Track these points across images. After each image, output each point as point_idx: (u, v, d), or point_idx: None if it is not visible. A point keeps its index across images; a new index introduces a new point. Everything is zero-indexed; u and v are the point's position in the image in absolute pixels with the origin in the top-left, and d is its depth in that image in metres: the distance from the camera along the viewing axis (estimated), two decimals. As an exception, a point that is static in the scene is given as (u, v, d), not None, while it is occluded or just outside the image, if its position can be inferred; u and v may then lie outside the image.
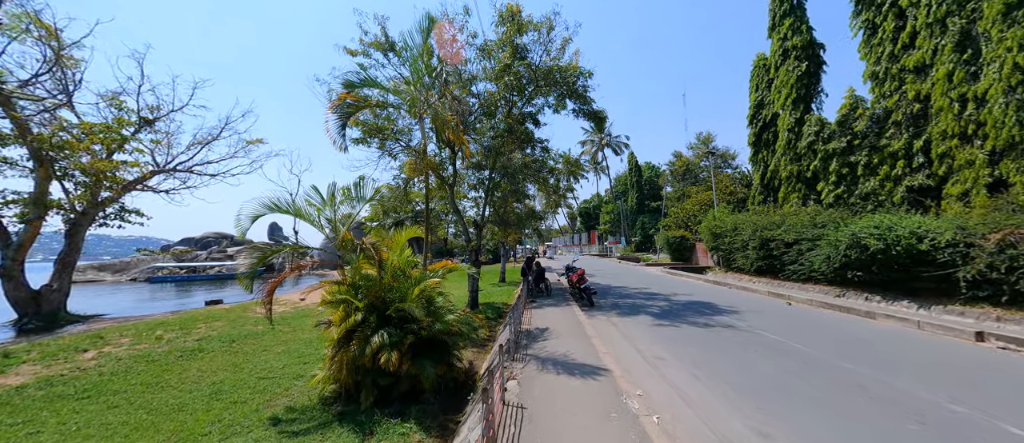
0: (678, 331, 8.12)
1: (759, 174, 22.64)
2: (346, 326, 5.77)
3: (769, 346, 6.98)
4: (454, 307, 7.22)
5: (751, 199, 23.88)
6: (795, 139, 19.06)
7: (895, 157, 13.70)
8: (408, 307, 5.79)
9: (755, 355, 6.44)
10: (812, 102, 19.01)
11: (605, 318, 9.65)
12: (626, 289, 16.11)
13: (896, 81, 13.57)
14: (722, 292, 14.87)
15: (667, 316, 9.78)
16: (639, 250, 47.80)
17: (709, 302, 11.86)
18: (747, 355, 6.45)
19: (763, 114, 22.29)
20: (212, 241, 63.87)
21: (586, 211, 65.52)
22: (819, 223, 14.80)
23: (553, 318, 9.60)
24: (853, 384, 4.84)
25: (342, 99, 6.71)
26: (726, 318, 9.44)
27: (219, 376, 7.80)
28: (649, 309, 10.84)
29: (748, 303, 11.71)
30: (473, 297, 13.96)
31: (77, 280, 47.13)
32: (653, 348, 6.77)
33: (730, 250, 20.27)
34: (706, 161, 48.00)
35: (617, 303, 12.08)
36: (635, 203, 51.65)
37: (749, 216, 19.51)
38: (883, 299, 11.41)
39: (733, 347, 6.97)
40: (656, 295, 13.78)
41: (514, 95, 14.04)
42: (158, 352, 9.44)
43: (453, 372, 6.56)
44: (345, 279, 6.67)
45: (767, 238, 17.09)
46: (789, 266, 15.75)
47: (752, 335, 7.81)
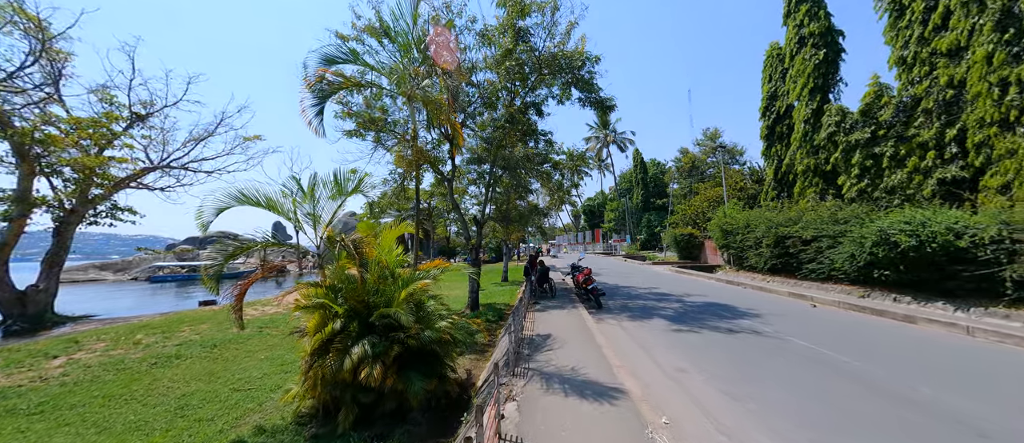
0: (698, 338, 7.30)
1: (772, 169, 21.70)
2: (322, 335, 5.01)
3: (807, 357, 6.16)
4: (448, 311, 6.46)
5: (763, 195, 22.94)
6: (812, 131, 18.11)
7: (925, 147, 12.76)
8: (393, 313, 5.03)
9: (794, 368, 5.62)
10: (830, 92, 18.05)
11: (615, 322, 8.84)
12: (635, 289, 15.28)
13: (926, 66, 12.63)
14: (737, 292, 14.01)
15: (683, 320, 8.96)
16: (644, 248, 46.85)
17: (726, 303, 11.03)
18: (785, 368, 5.63)
19: (777, 106, 21.33)
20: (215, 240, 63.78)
21: (590, 209, 64.59)
22: (841, 219, 13.90)
23: (558, 322, 8.81)
24: (949, 418, 3.87)
25: (320, 77, 5.96)
26: (748, 322, 8.61)
27: (191, 387, 7.09)
28: (662, 312, 10.03)
29: (768, 305, 10.86)
30: (473, 298, 13.21)
31: (78, 279, 47.05)
32: (673, 358, 5.97)
33: (742, 248, 19.39)
34: (713, 157, 46.98)
35: (626, 305, 11.26)
36: (640, 201, 50.67)
37: (763, 212, 18.60)
38: (914, 300, 10.54)
39: (764, 357, 6.15)
40: (667, 296, 12.95)
41: (516, 84, 13.23)
42: (132, 359, 8.76)
43: (445, 385, 5.80)
44: (325, 280, 5.92)
45: (783, 235, 16.21)
46: (807, 265, 14.88)
47: (781, 342, 6.99)
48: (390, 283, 6.00)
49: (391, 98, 13.33)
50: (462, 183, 16.93)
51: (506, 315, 12.34)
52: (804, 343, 6.92)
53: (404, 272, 6.54)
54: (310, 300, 5.39)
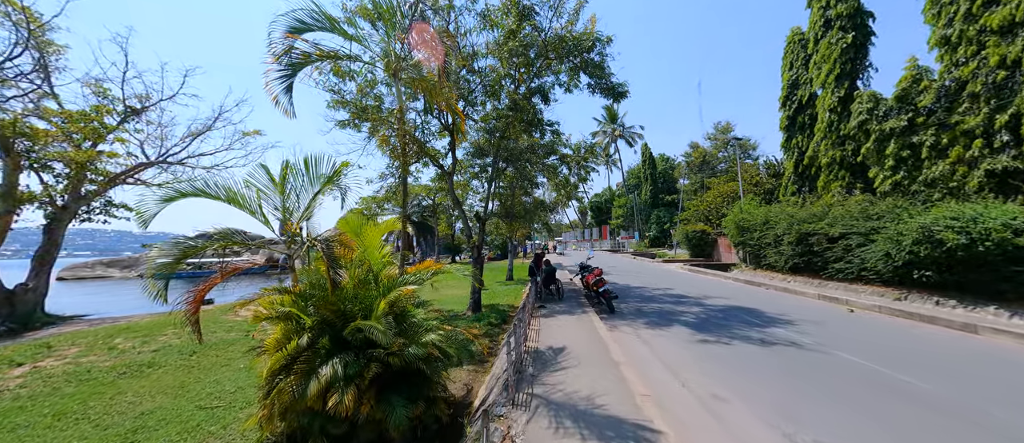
0: (729, 352, 6.35)
1: (792, 161, 20.49)
2: (284, 354, 4.16)
3: (861, 376, 5.19)
4: (440, 319, 5.59)
5: (782, 190, 21.75)
6: (838, 120, 16.91)
7: (971, 136, 11.58)
8: (368, 327, 4.16)
9: (850, 391, 4.67)
10: (859, 78, 16.81)
11: (631, 330, 7.90)
12: (648, 289, 14.31)
13: (974, 45, 11.42)
14: (759, 294, 12.98)
15: (707, 328, 7.99)
16: (653, 245, 45.67)
17: (751, 307, 10.02)
18: (839, 391, 4.68)
19: (798, 95, 20.10)
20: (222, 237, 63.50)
21: (598, 205, 63.37)
22: (874, 215, 12.81)
23: (567, 331, 7.90)
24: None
25: (288, 49, 5.08)
26: (782, 330, 7.62)
27: (156, 402, 6.32)
28: (682, 317, 9.07)
29: (798, 309, 9.84)
30: (475, 299, 12.37)
31: (85, 276, 47.05)
32: (705, 380, 5.03)
33: (759, 246, 18.31)
34: (725, 151, 45.60)
35: (641, 309, 10.31)
36: (649, 196, 49.43)
37: (783, 208, 17.48)
38: (960, 304, 9.47)
39: (811, 377, 5.19)
40: (685, 298, 11.96)
41: (520, 71, 12.29)
42: (101, 368, 8.03)
43: (434, 409, 4.92)
44: (296, 286, 5.08)
45: (806, 232, 15.13)
46: (833, 264, 13.81)
47: (826, 357, 6.01)
48: (373, 288, 5.15)
49: (387, 86, 12.50)
50: (464, 177, 16.05)
51: (510, 317, 11.48)
52: (853, 357, 5.94)
53: (389, 274, 5.68)
54: (273, 310, 4.54)
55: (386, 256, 5.80)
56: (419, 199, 42.68)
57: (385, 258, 5.77)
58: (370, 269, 5.63)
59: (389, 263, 5.89)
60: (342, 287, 5.03)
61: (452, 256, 45.74)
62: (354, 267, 5.32)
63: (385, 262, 5.75)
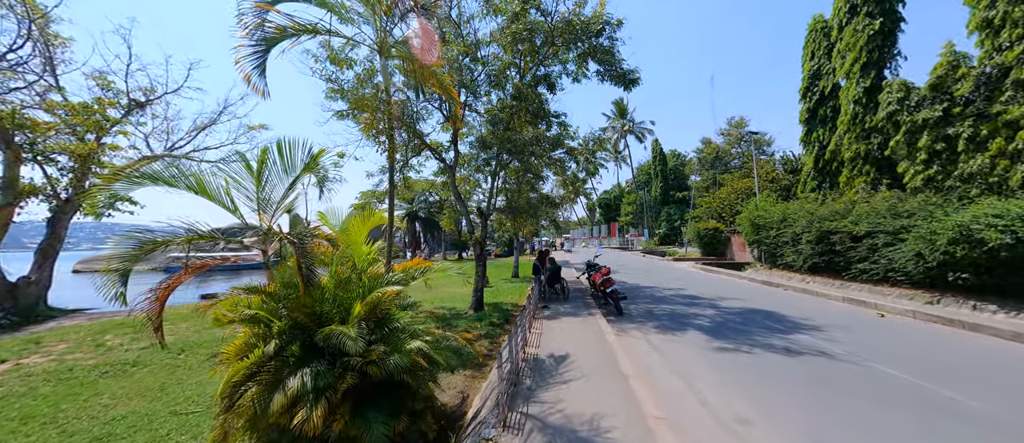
0: (752, 361, 5.72)
1: (812, 156, 19.54)
2: (247, 364, 3.68)
3: (902, 393, 4.55)
4: (438, 320, 5.08)
5: (800, 186, 20.80)
6: (864, 112, 15.95)
7: (1014, 127, 10.67)
8: (336, 334, 3.65)
9: (893, 413, 4.04)
10: (886, 67, 15.82)
11: (641, 335, 7.30)
12: (658, 290, 13.65)
13: (1020, 28, 10.48)
14: (777, 295, 12.25)
15: (724, 333, 7.35)
16: (663, 243, 44.72)
17: (771, 310, 9.33)
18: (881, 413, 4.06)
19: (820, 86, 19.11)
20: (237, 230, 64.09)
21: (606, 202, 62.39)
22: (903, 212, 11.96)
23: (571, 336, 7.33)
24: None
25: (260, 23, 4.58)
26: (807, 337, 6.95)
27: (130, 405, 5.94)
28: (696, 321, 8.43)
29: (822, 313, 9.12)
30: (477, 298, 11.86)
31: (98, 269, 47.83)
32: (727, 397, 4.44)
33: (776, 244, 17.48)
34: (738, 147, 44.38)
35: (652, 311, 9.68)
36: (659, 193, 48.39)
37: (802, 205, 16.61)
38: (1002, 309, 8.68)
39: (847, 394, 4.56)
40: (698, 299, 11.29)
41: (524, 59, 11.69)
42: (84, 366, 7.71)
43: (420, 424, 4.40)
44: (269, 285, 4.61)
45: (827, 231, 14.32)
46: (857, 264, 13.00)
47: (861, 370, 5.36)
48: (356, 288, 4.64)
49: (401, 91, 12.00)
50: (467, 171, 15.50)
51: (513, 316, 10.95)
52: (891, 370, 5.28)
53: (375, 273, 5.18)
54: (237, 312, 4.05)
55: (372, 253, 5.29)
56: (425, 195, 42.38)
57: (371, 255, 5.27)
58: (355, 267, 5.13)
59: (375, 260, 5.38)
60: (321, 287, 4.54)
61: (459, 253, 45.40)
62: (335, 264, 4.83)
63: (371, 259, 5.25)
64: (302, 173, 4.58)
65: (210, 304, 4.26)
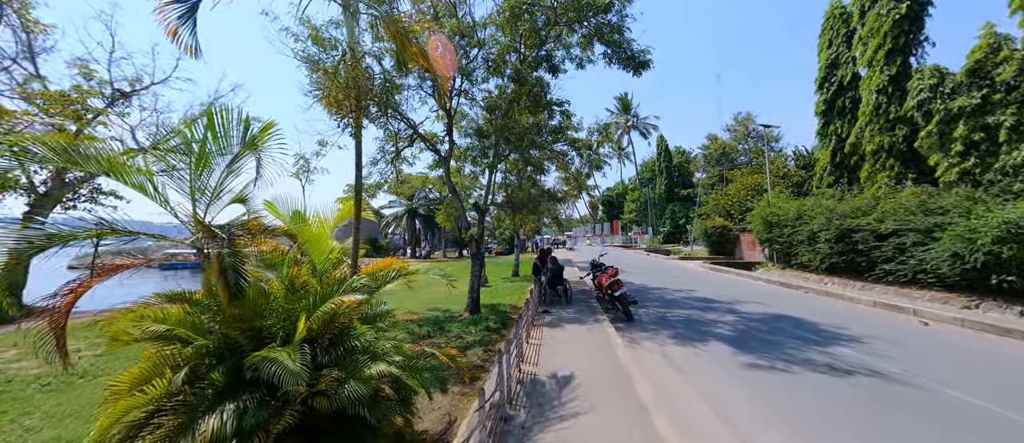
0: (793, 383, 4.78)
1: (829, 150, 18.51)
2: (143, 400, 2.76)
3: (989, 428, 3.61)
4: (399, 340, 4.16)
5: (816, 181, 19.78)
6: (888, 102, 14.92)
7: (1066, 114, 9.67)
8: (272, 361, 2.72)
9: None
10: (912, 54, 14.78)
11: (656, 347, 6.36)
12: (668, 291, 12.70)
13: (1074, 4, 9.45)
14: (799, 298, 11.29)
15: (752, 344, 6.40)
16: (667, 241, 43.70)
17: (798, 317, 8.37)
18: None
19: (838, 76, 18.06)
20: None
21: (609, 200, 61.35)
22: (936, 208, 10.98)
23: (575, 347, 6.39)
24: None
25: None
26: (849, 350, 6.00)
27: (58, 428, 5.06)
28: (717, 329, 7.48)
29: (856, 320, 8.15)
30: (473, 299, 10.96)
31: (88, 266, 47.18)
32: (779, 439, 3.50)
33: (790, 243, 16.54)
34: (745, 143, 43.29)
35: (665, 316, 8.73)
36: (664, 190, 47.35)
37: (819, 201, 15.63)
38: (1056, 316, 7.74)
39: (923, 431, 3.62)
40: (714, 303, 10.33)
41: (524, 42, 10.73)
42: (27, 376, 6.83)
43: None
44: (199, 292, 3.70)
45: (849, 228, 13.38)
46: (882, 264, 12.07)
47: (926, 394, 4.42)
48: (306, 296, 3.71)
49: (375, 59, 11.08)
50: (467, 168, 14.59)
51: (512, 319, 10.06)
52: (966, 397, 4.33)
53: (339, 276, 4.26)
54: (142, 328, 3.13)
55: (336, 252, 4.37)
56: (425, 191, 41.49)
57: (334, 255, 4.35)
58: (315, 269, 4.21)
59: (340, 261, 4.47)
60: (265, 295, 3.63)
61: (459, 250, 44.54)
62: (287, 266, 3.91)
63: (334, 260, 4.33)
64: (242, 151, 3.66)
65: (109, 318, 3.35)
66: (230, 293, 3.07)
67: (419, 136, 12.13)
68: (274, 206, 3.96)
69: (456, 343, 8.44)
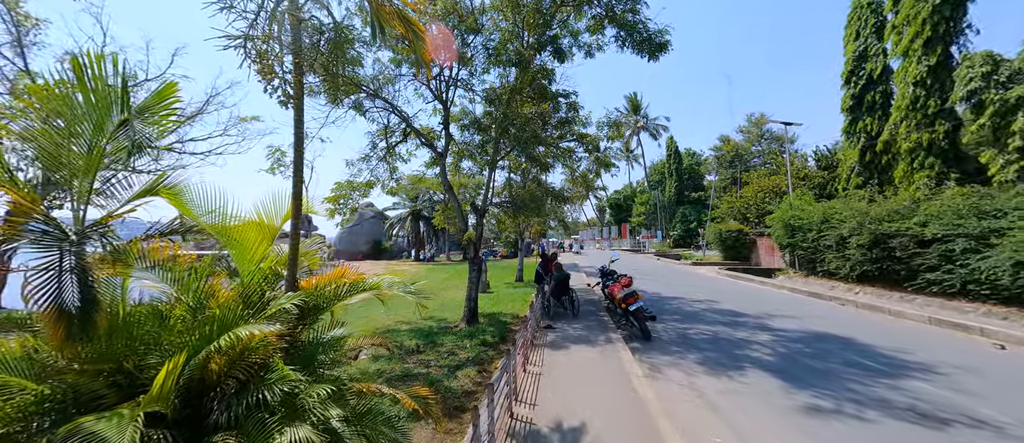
0: (876, 437, 3.62)
1: (857, 148, 17.18)
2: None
3: None
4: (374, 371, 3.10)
5: (842, 182, 18.44)
6: (926, 95, 13.61)
7: None
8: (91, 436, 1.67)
9: None
10: (954, 43, 13.45)
11: (684, 379, 5.20)
12: (685, 301, 11.50)
13: None
14: (835, 312, 10.04)
15: (801, 375, 5.23)
16: (677, 245, 42.29)
17: (844, 336, 7.15)
18: None
19: (866, 68, 16.76)
20: None
21: (617, 202, 59.96)
22: (994, 211, 9.73)
23: (583, 379, 5.26)
24: None
25: None
26: (926, 385, 4.80)
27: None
28: (751, 351, 6.31)
29: (916, 341, 6.91)
30: (470, 308, 9.91)
31: (96, 266, 46.97)
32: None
33: (815, 249, 15.30)
34: (759, 144, 41.87)
35: (686, 334, 7.56)
36: (674, 193, 45.95)
37: (849, 203, 14.36)
38: None
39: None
40: (741, 317, 9.12)
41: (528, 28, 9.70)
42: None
43: None
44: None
45: (885, 234, 12.15)
46: (924, 273, 10.84)
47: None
48: (212, 322, 2.64)
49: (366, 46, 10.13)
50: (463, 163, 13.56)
51: (512, 332, 8.98)
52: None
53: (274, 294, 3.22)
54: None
55: (270, 261, 3.32)
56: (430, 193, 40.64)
57: (268, 265, 3.30)
58: (252, 287, 3.17)
59: (277, 272, 3.42)
60: (168, 320, 2.60)
61: (464, 254, 43.57)
62: (193, 280, 2.88)
63: (267, 272, 3.28)
64: (125, 119, 2.64)
65: None
66: (65, 319, 2.02)
67: (413, 131, 11.15)
68: (177, 196, 2.94)
69: (447, 361, 7.39)
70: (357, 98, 10.58)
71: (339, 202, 11.74)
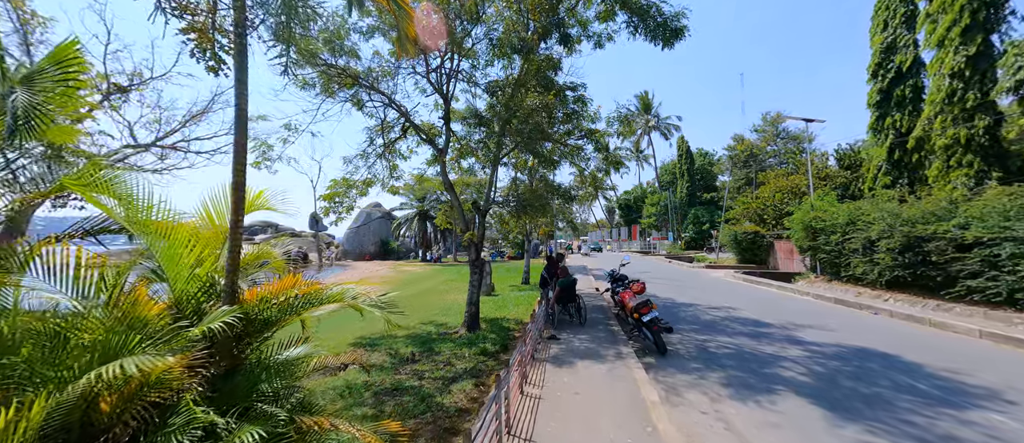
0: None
1: (884, 146, 16.17)
2: None
3: None
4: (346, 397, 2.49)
5: (869, 181, 17.39)
6: (965, 87, 12.61)
7: None
8: None
9: None
10: (995, 31, 12.45)
11: (709, 406, 4.48)
12: (702, 309, 10.73)
13: None
14: (866, 322, 9.20)
15: (847, 403, 4.48)
16: (690, 247, 41.19)
17: (888, 353, 6.34)
18: None
19: (895, 61, 15.75)
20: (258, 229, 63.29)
21: (627, 203, 58.91)
22: (1049, 212, 8.81)
23: (590, 406, 4.56)
24: None
25: None
26: (1000, 416, 4.03)
27: None
28: (783, 371, 5.56)
29: (970, 358, 6.09)
30: (471, 314, 9.33)
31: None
32: None
33: (839, 252, 14.40)
34: (774, 144, 40.59)
35: (706, 348, 6.82)
36: (685, 194, 44.87)
37: (878, 204, 13.42)
38: None
39: None
40: (765, 328, 8.33)
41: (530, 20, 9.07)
42: None
43: None
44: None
45: (920, 237, 11.25)
46: (965, 280, 9.96)
47: None
48: (95, 350, 2.05)
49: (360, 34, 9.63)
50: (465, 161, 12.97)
51: (515, 339, 8.35)
52: None
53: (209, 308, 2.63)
54: None
55: (207, 268, 2.74)
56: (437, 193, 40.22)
57: (204, 272, 2.72)
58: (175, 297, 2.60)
59: (211, 285, 2.83)
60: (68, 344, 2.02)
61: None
62: (100, 290, 2.30)
63: (204, 279, 2.70)
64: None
65: None
66: None
67: (413, 126, 10.61)
68: (88, 187, 2.38)
69: (443, 371, 6.80)
70: (354, 91, 10.09)
71: (334, 200, 11.28)
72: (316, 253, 46.76)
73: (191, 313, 2.66)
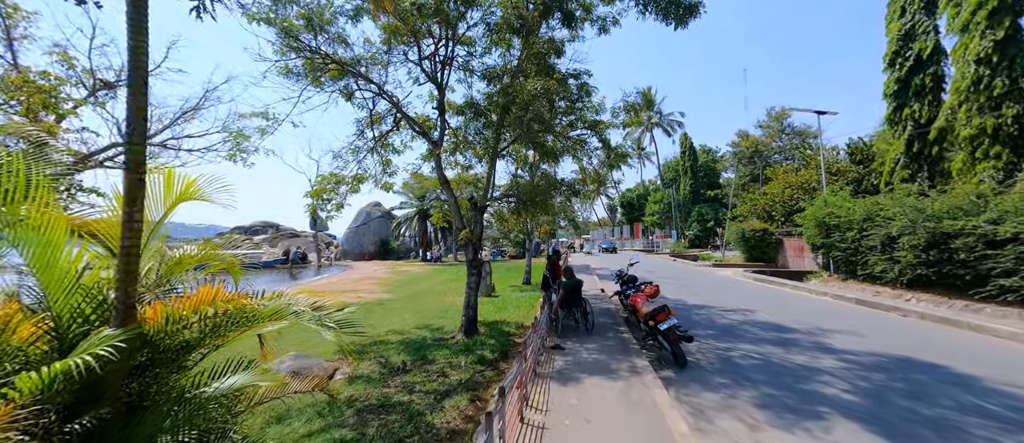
0: None
1: (903, 138, 15.41)
2: None
3: None
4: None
5: (886, 175, 16.63)
6: (992, 75, 11.87)
7: None
8: None
9: None
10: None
11: (747, 434, 3.75)
12: (716, 311, 10.03)
13: None
14: (897, 325, 8.48)
15: (901, 426, 3.79)
16: (694, 245, 40.47)
17: (935, 363, 5.63)
18: None
19: (914, 48, 14.98)
20: (260, 229, 62.63)
21: (629, 201, 58.14)
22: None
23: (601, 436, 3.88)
24: None
25: None
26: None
27: None
28: (825, 388, 4.84)
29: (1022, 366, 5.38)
30: (469, 318, 8.66)
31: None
32: None
33: (855, 250, 13.75)
34: (780, 140, 39.84)
35: (731, 358, 6.10)
36: (689, 191, 44.13)
37: (899, 198, 12.71)
38: None
39: None
40: (789, 333, 7.62)
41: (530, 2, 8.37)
42: None
43: None
44: None
45: (945, 233, 10.60)
46: (997, 279, 9.34)
47: None
48: None
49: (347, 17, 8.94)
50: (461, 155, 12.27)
51: (514, 347, 7.68)
52: None
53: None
54: None
55: (95, 276, 2.04)
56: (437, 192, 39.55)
57: (89, 280, 2.02)
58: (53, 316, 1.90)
59: (102, 290, 2.14)
60: None
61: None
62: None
63: (94, 293, 2.00)
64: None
65: None
66: None
67: (405, 117, 9.94)
68: None
69: (436, 383, 6.12)
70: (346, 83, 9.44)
71: (322, 197, 10.60)
72: (315, 253, 46.13)
73: (76, 337, 1.97)
